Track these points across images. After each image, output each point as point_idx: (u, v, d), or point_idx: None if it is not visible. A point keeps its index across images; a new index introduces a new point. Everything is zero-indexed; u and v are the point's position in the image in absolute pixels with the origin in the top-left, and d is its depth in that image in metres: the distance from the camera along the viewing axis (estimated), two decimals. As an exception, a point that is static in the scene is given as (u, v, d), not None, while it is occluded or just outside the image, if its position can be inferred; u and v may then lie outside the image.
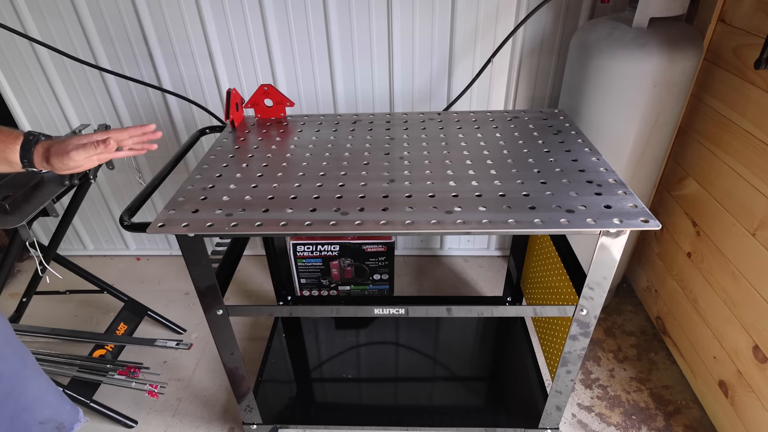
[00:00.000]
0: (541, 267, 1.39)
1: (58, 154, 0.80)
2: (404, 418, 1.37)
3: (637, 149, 1.41)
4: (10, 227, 1.12)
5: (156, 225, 0.91)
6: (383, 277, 1.85)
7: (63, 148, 0.80)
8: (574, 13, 1.57)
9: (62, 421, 0.92)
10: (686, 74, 1.30)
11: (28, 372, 0.86)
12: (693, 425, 1.44)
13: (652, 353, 1.67)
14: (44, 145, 0.81)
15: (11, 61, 1.72)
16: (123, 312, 1.74)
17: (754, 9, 1.22)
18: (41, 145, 0.81)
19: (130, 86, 1.77)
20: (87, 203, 2.08)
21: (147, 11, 1.59)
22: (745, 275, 1.26)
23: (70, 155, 0.80)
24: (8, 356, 0.82)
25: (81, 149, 0.80)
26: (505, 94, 1.74)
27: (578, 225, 0.86)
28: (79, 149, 0.80)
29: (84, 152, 0.80)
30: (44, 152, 0.81)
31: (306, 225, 0.90)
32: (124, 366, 1.49)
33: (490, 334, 1.66)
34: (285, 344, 1.65)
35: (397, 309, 1.07)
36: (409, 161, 1.12)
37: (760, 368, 1.20)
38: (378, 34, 1.62)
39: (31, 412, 0.86)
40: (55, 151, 0.80)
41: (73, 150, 0.79)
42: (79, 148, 0.80)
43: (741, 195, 1.26)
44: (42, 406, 0.88)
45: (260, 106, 1.38)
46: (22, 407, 0.84)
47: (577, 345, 1.09)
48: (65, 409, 0.92)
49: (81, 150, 0.80)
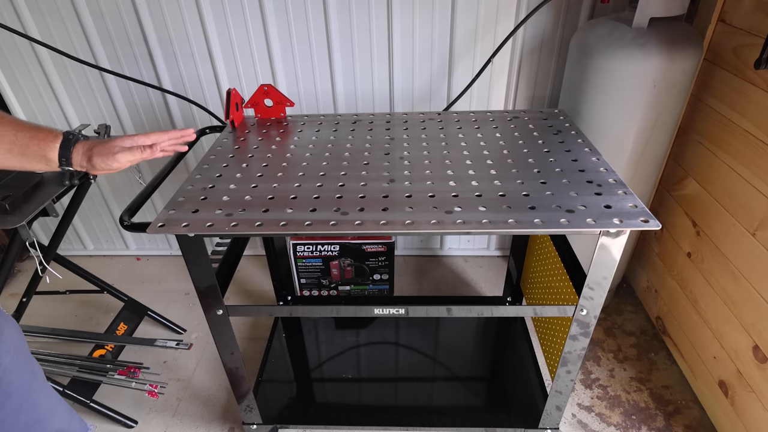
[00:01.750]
0: (541, 267, 1.39)
1: (103, 155, 0.81)
2: (404, 418, 1.37)
3: (637, 149, 1.41)
4: (10, 227, 1.12)
5: (156, 225, 0.91)
6: (383, 277, 1.85)
7: (109, 149, 0.81)
8: (574, 13, 1.57)
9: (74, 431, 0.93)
10: (686, 74, 1.30)
11: (39, 383, 0.85)
12: (693, 425, 1.44)
13: (652, 353, 1.67)
14: (86, 144, 0.82)
15: (11, 61, 1.72)
16: (123, 312, 1.74)
17: (754, 9, 1.22)
18: (82, 145, 0.82)
19: (130, 86, 1.77)
20: (87, 203, 2.08)
21: (147, 11, 1.59)
22: (745, 275, 1.26)
23: (116, 157, 0.81)
24: (21, 367, 0.82)
25: (127, 152, 0.82)
26: (505, 94, 1.74)
27: (578, 225, 0.86)
28: (125, 152, 0.82)
29: (130, 155, 0.82)
30: (86, 151, 0.81)
31: (306, 225, 0.90)
32: (124, 366, 1.49)
33: (490, 334, 1.66)
34: (285, 344, 1.65)
35: (397, 309, 1.07)
36: (409, 161, 1.12)
37: (760, 368, 1.20)
38: (378, 34, 1.62)
39: (44, 423, 0.86)
40: (99, 151, 0.81)
41: (119, 152, 0.81)
42: (125, 151, 0.82)
43: (741, 195, 1.26)
44: (53, 417, 0.88)
45: (260, 106, 1.38)
46: (35, 419, 0.84)
47: (577, 345, 1.09)
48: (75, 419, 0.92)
49: (127, 153, 0.82)
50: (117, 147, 0.81)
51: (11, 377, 0.79)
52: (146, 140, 0.84)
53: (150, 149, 0.84)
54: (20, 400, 0.81)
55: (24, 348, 0.83)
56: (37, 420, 0.84)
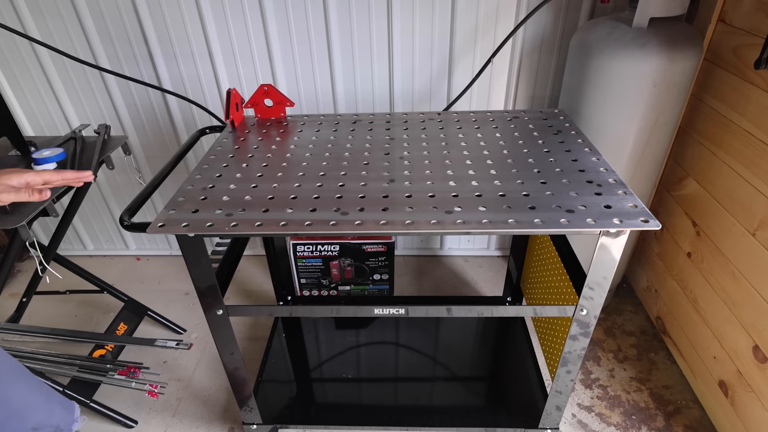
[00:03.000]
0: (541, 267, 1.39)
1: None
2: (404, 418, 1.37)
3: (637, 149, 1.41)
4: (10, 227, 1.12)
5: (156, 225, 0.91)
6: (383, 277, 1.85)
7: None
8: (574, 13, 1.57)
9: (57, 424, 0.89)
10: (686, 74, 1.30)
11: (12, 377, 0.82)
12: (693, 425, 1.44)
13: (652, 353, 1.67)
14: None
15: (11, 61, 1.72)
16: (123, 312, 1.74)
17: (754, 9, 1.22)
18: None
19: (130, 86, 1.77)
20: (87, 203, 2.08)
21: (147, 11, 1.59)
22: (745, 275, 1.26)
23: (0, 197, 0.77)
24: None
25: (13, 193, 0.77)
26: (505, 94, 1.74)
27: (578, 225, 0.86)
28: (11, 192, 0.77)
29: (15, 196, 0.77)
30: None
31: (306, 225, 0.90)
32: (124, 366, 1.49)
33: (490, 334, 1.66)
34: (285, 344, 1.65)
35: (397, 309, 1.07)
36: (409, 161, 1.12)
37: (760, 368, 1.20)
38: (378, 34, 1.62)
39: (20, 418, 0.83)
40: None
41: (3, 192, 0.76)
42: (11, 191, 0.77)
43: (741, 195, 1.26)
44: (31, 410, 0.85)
45: (260, 106, 1.38)
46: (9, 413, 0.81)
47: (577, 345, 1.09)
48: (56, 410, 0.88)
49: (12, 193, 0.77)
50: (3, 186, 0.76)
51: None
52: (38, 181, 0.78)
53: (39, 193, 0.79)
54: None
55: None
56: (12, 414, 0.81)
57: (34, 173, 0.79)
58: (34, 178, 0.78)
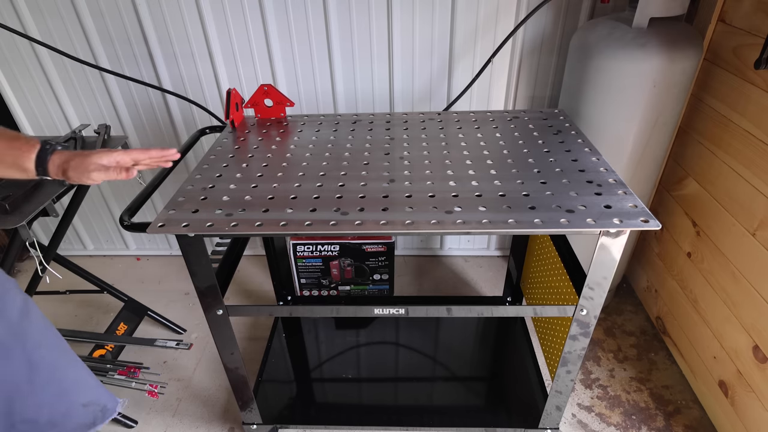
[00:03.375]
0: (541, 267, 1.39)
1: (78, 170, 0.79)
2: (404, 418, 1.37)
3: (637, 149, 1.41)
4: (10, 227, 1.12)
5: (156, 225, 0.91)
6: (383, 277, 1.85)
7: (84, 167, 0.79)
8: (574, 13, 1.57)
9: (105, 404, 0.95)
10: (686, 74, 1.30)
11: (68, 358, 0.89)
12: (693, 425, 1.44)
13: (652, 353, 1.67)
14: (62, 156, 0.81)
15: (11, 61, 1.72)
16: (123, 312, 1.74)
17: (754, 9, 1.22)
18: (58, 156, 0.81)
19: (130, 86, 1.77)
20: (87, 203, 2.08)
21: (147, 11, 1.59)
22: (745, 275, 1.26)
23: (90, 175, 0.80)
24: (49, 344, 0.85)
25: (102, 172, 0.80)
26: (505, 94, 1.74)
27: (578, 225, 0.86)
28: (101, 171, 0.80)
29: (104, 175, 0.80)
30: (62, 164, 0.80)
31: (306, 225, 0.90)
32: (124, 366, 1.49)
33: (490, 334, 1.66)
34: (285, 344, 1.65)
35: (397, 309, 1.07)
36: (409, 161, 1.12)
37: (760, 368, 1.20)
38: (378, 34, 1.62)
39: (74, 395, 0.89)
40: (75, 166, 0.79)
41: (94, 170, 0.79)
42: (101, 170, 0.80)
43: (741, 195, 1.26)
44: (83, 389, 0.91)
45: (260, 106, 1.38)
46: (63, 390, 0.87)
47: (577, 345, 1.09)
48: (104, 393, 0.95)
49: (102, 172, 0.80)
50: (93, 164, 0.79)
51: (41, 352, 0.83)
52: (126, 159, 0.81)
53: (126, 171, 0.82)
54: (48, 373, 0.84)
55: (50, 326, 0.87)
56: (65, 391, 0.87)
57: (122, 152, 0.81)
58: (123, 156, 0.80)
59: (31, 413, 0.81)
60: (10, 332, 0.78)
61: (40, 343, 0.83)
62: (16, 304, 0.82)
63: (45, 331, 0.85)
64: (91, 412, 0.92)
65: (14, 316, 0.80)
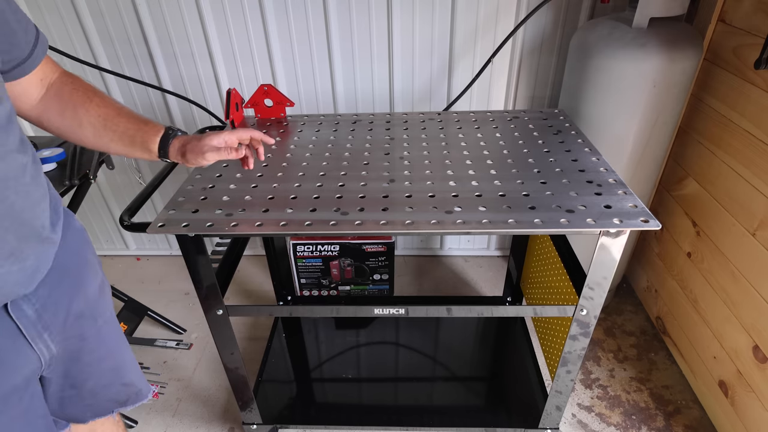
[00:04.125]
0: (541, 267, 1.39)
1: (194, 152, 0.86)
2: (404, 418, 1.37)
3: (637, 149, 1.41)
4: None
5: (156, 225, 0.91)
6: (383, 277, 1.85)
7: (199, 148, 0.86)
8: (574, 13, 1.57)
9: (141, 388, 1.02)
10: (686, 74, 1.30)
11: (124, 338, 0.98)
12: (693, 425, 1.44)
13: (652, 353, 1.67)
14: (181, 140, 0.88)
15: (11, 61, 1.72)
16: (123, 312, 1.74)
17: (754, 9, 1.22)
18: (178, 140, 0.88)
19: (130, 86, 1.77)
20: (87, 203, 2.08)
21: (147, 11, 1.59)
22: (744, 275, 1.26)
23: (205, 155, 0.86)
24: (114, 322, 0.93)
25: (215, 152, 0.86)
26: (505, 94, 1.74)
27: (578, 225, 0.86)
28: (214, 152, 0.86)
29: (217, 155, 0.87)
30: (180, 147, 0.87)
31: (306, 225, 0.90)
32: (124, 366, 1.49)
33: (490, 334, 1.66)
34: (285, 344, 1.65)
35: (397, 309, 1.07)
36: (409, 161, 1.12)
37: (760, 368, 1.20)
38: (378, 34, 1.62)
39: (121, 372, 0.96)
40: (192, 148, 0.86)
41: (208, 151, 0.86)
42: (214, 151, 0.86)
43: (741, 195, 1.26)
44: (129, 369, 0.99)
45: (260, 106, 1.38)
46: (116, 366, 0.94)
47: (577, 345, 1.09)
48: (142, 378, 1.04)
49: (215, 153, 0.86)
50: (207, 146, 0.86)
51: (109, 328, 0.91)
52: (232, 138, 0.89)
53: (236, 151, 0.88)
54: (108, 348, 0.91)
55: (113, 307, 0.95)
56: (117, 367, 0.95)
57: (228, 132, 0.89)
58: (229, 136, 0.88)
59: (80, 380, 0.88)
60: (88, 306, 0.85)
61: (109, 320, 0.91)
62: (97, 281, 0.89)
63: (112, 309, 0.94)
64: (126, 393, 0.99)
65: (93, 292, 0.87)
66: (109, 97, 0.87)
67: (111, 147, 0.86)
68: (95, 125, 0.84)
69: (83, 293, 0.84)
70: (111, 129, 0.84)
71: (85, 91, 0.86)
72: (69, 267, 0.81)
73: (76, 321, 0.82)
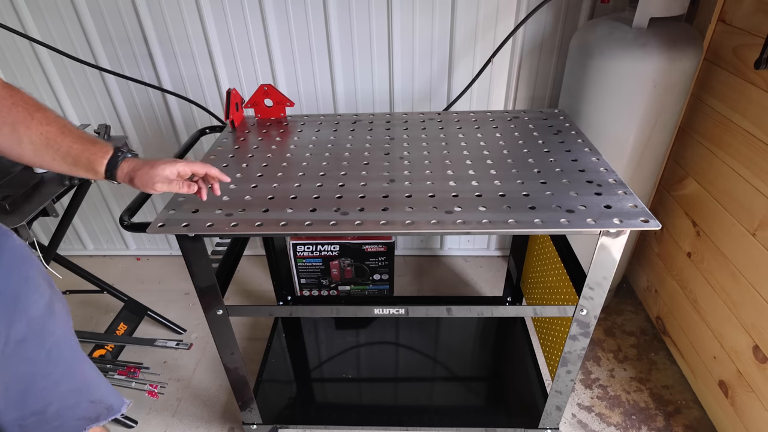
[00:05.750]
0: (541, 267, 1.39)
1: (143, 181, 0.83)
2: (404, 418, 1.37)
3: (637, 149, 1.41)
4: (10, 227, 1.12)
5: (156, 225, 0.91)
6: (383, 277, 1.85)
7: (150, 178, 0.82)
8: (574, 13, 1.57)
9: (111, 404, 0.98)
10: (686, 74, 1.30)
11: (82, 355, 0.93)
12: (693, 425, 1.44)
13: (652, 353, 1.67)
14: (131, 164, 0.84)
15: (11, 61, 1.72)
16: (123, 312, 1.74)
17: (754, 9, 1.22)
18: (127, 164, 0.84)
19: (130, 86, 1.77)
20: (87, 203, 2.08)
21: (147, 11, 1.59)
22: (745, 275, 1.26)
23: (155, 186, 0.83)
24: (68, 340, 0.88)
25: (166, 184, 0.83)
26: (505, 94, 1.74)
27: (578, 225, 0.86)
28: (165, 183, 0.83)
29: (168, 187, 0.83)
30: (129, 172, 0.83)
31: (306, 225, 0.90)
32: (124, 366, 1.49)
33: (490, 334, 1.66)
34: (285, 344, 1.65)
35: (397, 309, 1.07)
36: (409, 161, 1.12)
37: (760, 368, 1.20)
38: (378, 34, 1.62)
39: (84, 391, 0.92)
40: (141, 176, 0.82)
41: (159, 182, 0.83)
42: (165, 182, 0.83)
43: (741, 195, 1.26)
44: (93, 387, 0.95)
45: (260, 106, 1.38)
46: (76, 387, 0.90)
47: (577, 345, 1.09)
48: (112, 394, 0.99)
49: (165, 185, 0.83)
50: (158, 176, 0.82)
51: (61, 347, 0.86)
52: (186, 170, 0.85)
53: (187, 185, 0.85)
54: (65, 369, 0.87)
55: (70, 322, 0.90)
56: (78, 388, 0.90)
57: (183, 163, 0.85)
58: (183, 168, 0.84)
59: (40, 405, 0.84)
60: (31, 328, 0.80)
61: (60, 339, 0.86)
62: (43, 299, 0.84)
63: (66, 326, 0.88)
64: (96, 410, 0.95)
65: (38, 312, 0.82)
66: (54, 114, 0.83)
67: (53, 166, 0.81)
68: (35, 143, 0.79)
69: (25, 315, 0.79)
70: (53, 148, 0.79)
71: (27, 106, 0.79)
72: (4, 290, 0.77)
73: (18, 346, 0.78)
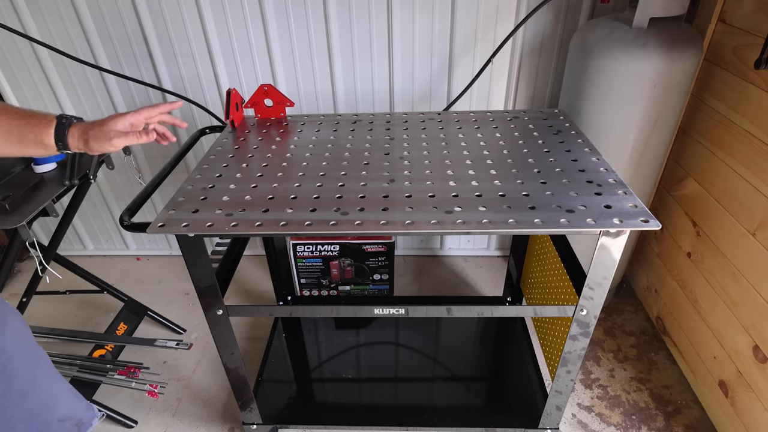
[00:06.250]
0: (541, 267, 1.39)
1: (99, 139, 0.80)
2: (404, 418, 1.37)
3: (637, 149, 1.41)
4: (10, 227, 1.12)
5: (156, 225, 0.91)
6: (383, 277, 1.85)
7: (104, 134, 0.80)
8: (574, 13, 1.57)
9: (80, 419, 0.94)
10: (686, 74, 1.30)
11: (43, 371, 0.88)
12: (693, 425, 1.44)
13: (652, 353, 1.67)
14: (80, 128, 0.81)
15: (11, 61, 1.72)
16: (123, 312, 1.74)
17: (754, 9, 1.22)
18: (76, 128, 0.81)
19: (130, 86, 1.77)
20: (87, 203, 2.08)
21: (147, 11, 1.59)
22: (745, 275, 1.26)
23: (111, 141, 0.80)
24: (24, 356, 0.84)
25: (123, 137, 0.81)
26: (505, 94, 1.74)
27: (578, 225, 0.86)
28: (121, 137, 0.80)
29: (125, 140, 0.81)
30: (81, 135, 0.80)
31: (306, 225, 0.90)
32: (124, 366, 1.49)
33: (490, 334, 1.66)
34: (285, 344, 1.65)
35: (397, 309, 1.07)
36: (409, 161, 1.12)
37: (760, 368, 1.20)
38: (378, 34, 1.62)
39: (49, 410, 0.88)
40: (95, 135, 0.80)
41: (115, 138, 0.80)
42: (121, 136, 0.80)
43: (741, 195, 1.26)
44: (59, 404, 0.90)
45: (260, 106, 1.38)
46: (39, 405, 0.86)
47: (577, 345, 1.09)
48: (81, 406, 0.95)
49: (122, 138, 0.81)
50: (113, 132, 0.80)
51: (15, 365, 0.81)
52: (138, 119, 0.82)
53: (145, 134, 0.83)
54: (24, 387, 0.83)
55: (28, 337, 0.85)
56: (42, 406, 0.86)
57: (133, 113, 0.82)
58: (135, 117, 0.82)
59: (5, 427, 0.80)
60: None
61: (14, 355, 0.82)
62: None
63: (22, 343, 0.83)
64: (66, 427, 0.91)
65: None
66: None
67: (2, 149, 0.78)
68: None
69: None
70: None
71: None
72: None
73: None
